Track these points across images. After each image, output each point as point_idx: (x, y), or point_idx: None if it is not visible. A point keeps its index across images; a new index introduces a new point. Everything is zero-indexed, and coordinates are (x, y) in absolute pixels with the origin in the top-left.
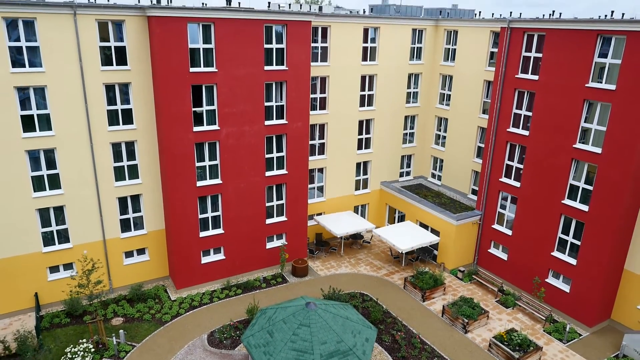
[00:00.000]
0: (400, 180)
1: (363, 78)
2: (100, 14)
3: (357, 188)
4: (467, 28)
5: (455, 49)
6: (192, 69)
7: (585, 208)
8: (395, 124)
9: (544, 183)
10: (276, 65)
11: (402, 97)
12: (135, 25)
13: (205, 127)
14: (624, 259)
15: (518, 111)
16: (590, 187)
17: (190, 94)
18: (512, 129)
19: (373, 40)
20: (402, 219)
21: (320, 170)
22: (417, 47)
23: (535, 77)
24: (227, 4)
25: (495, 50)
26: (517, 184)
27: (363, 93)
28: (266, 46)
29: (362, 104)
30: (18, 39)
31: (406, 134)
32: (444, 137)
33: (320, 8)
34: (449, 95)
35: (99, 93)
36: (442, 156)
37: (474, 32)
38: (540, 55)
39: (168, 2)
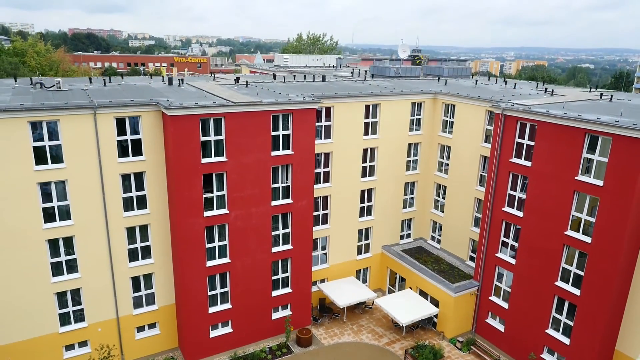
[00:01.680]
0: (400, 242)
1: (365, 150)
2: (118, 112)
3: (359, 253)
4: (464, 104)
5: (452, 121)
6: (203, 160)
7: (577, 292)
8: (396, 191)
9: (537, 263)
10: (282, 150)
11: (403, 166)
12: (151, 119)
13: (215, 212)
14: (615, 340)
15: (512, 192)
16: (581, 273)
17: (202, 183)
18: (507, 209)
19: (375, 114)
20: (402, 280)
21: (324, 238)
22: (417, 119)
23: (529, 164)
24: (234, 62)
25: (491, 127)
26: (513, 261)
27: (365, 165)
28: (273, 133)
29: (364, 175)
30: (41, 139)
31: (406, 199)
32: (443, 203)
33: (324, 78)
34: (447, 163)
35: (116, 183)
36: (441, 221)
37: (471, 109)
38: (532, 143)
39: (180, 82)
